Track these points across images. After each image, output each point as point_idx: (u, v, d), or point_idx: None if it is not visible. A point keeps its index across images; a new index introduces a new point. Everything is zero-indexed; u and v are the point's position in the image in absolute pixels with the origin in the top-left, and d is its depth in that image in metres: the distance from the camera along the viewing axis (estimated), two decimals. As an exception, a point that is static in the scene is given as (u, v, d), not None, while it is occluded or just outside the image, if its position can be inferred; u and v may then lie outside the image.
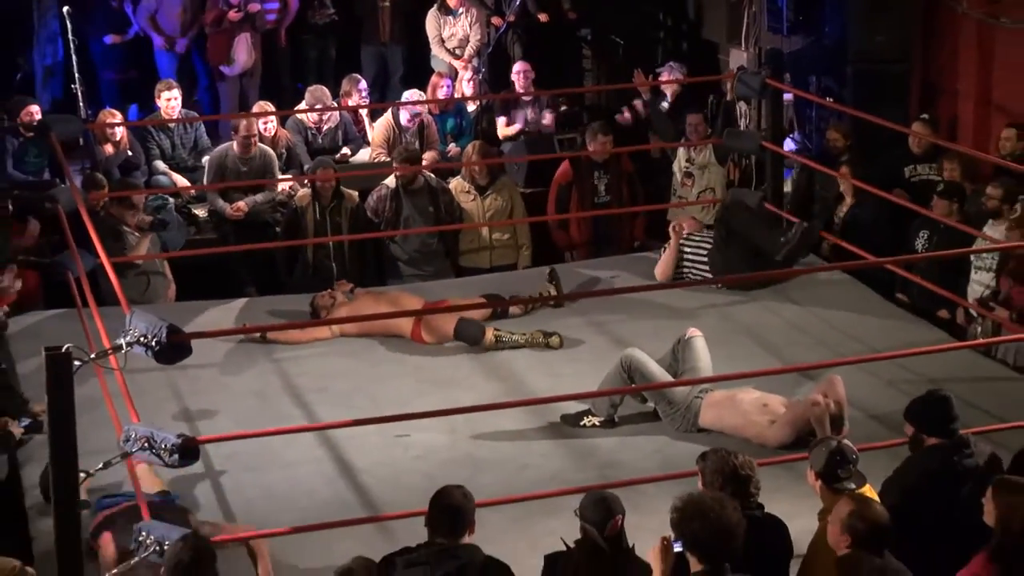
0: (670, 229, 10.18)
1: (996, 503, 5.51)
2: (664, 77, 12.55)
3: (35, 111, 11.36)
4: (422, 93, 12.44)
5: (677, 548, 5.28)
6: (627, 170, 11.36)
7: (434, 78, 12.71)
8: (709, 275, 9.91)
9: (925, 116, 11.14)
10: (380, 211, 10.72)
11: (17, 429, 7.53)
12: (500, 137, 12.85)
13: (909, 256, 9.73)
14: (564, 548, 5.67)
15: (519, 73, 12.77)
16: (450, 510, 5.59)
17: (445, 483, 6.85)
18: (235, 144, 11.36)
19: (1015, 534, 5.43)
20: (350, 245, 10.67)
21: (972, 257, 9.40)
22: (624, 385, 7.90)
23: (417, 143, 11.98)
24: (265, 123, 11.77)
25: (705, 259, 9.93)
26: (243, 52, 13.19)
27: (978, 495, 5.64)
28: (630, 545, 5.66)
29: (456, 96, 12.82)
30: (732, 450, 5.98)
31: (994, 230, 9.34)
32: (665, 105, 12.40)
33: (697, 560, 5.23)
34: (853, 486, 5.90)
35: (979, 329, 9.04)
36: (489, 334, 9.06)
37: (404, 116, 12.11)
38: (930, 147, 10.71)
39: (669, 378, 7.96)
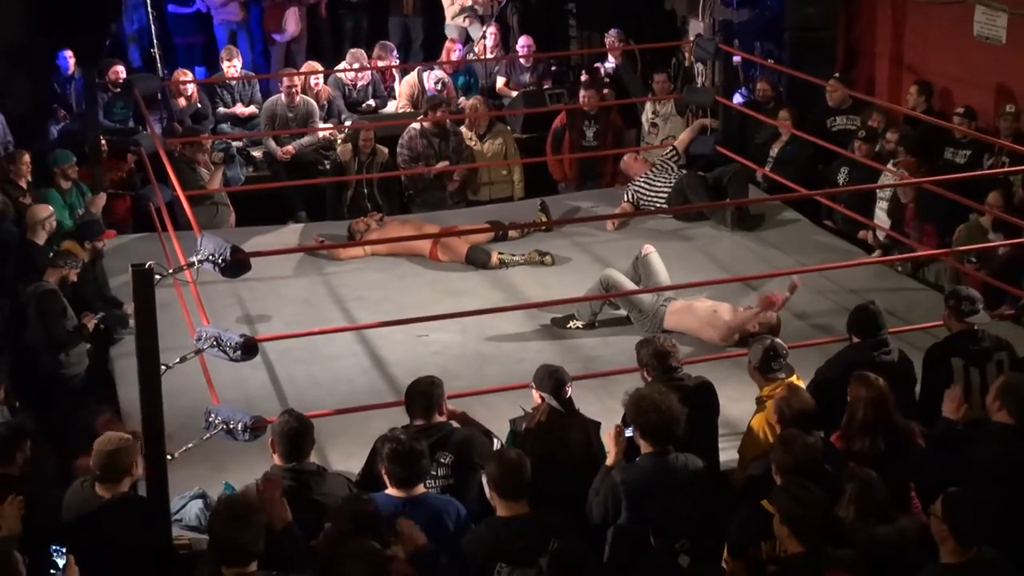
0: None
1: (848, 393, 5.55)
2: (608, 41, 12.42)
3: (121, 71, 11.29)
4: (446, 77, 12.25)
5: (628, 433, 5.31)
6: (615, 122, 11.24)
7: (448, 43, 12.70)
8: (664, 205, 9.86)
9: (837, 75, 10.98)
10: (413, 147, 10.57)
11: (92, 321, 7.53)
12: (498, 91, 12.74)
13: (834, 189, 9.67)
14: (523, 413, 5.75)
15: (524, 47, 12.60)
16: (420, 396, 5.65)
17: (457, 374, 6.92)
18: (283, 95, 11.30)
19: (854, 424, 5.50)
20: (380, 189, 10.50)
21: (877, 190, 9.38)
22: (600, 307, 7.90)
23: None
24: (315, 80, 11.73)
25: (660, 193, 9.84)
26: (292, 22, 13.10)
27: (892, 385, 5.65)
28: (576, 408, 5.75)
29: (477, 49, 12.79)
30: (656, 337, 6.02)
31: (895, 168, 9.30)
32: (610, 65, 12.37)
33: (648, 444, 5.26)
34: (783, 375, 5.92)
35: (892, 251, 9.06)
36: (494, 258, 9.03)
37: (427, 82, 12.02)
38: (847, 99, 10.57)
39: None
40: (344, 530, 4.73)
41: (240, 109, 11.97)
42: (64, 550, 4.71)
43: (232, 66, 11.78)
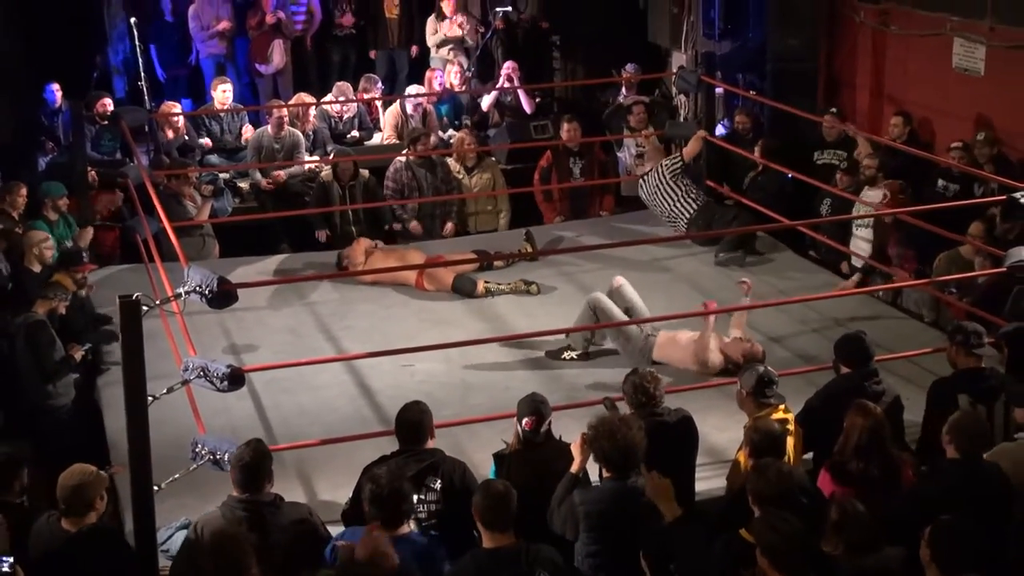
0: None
1: (846, 420, 5.57)
2: (626, 75, 12.48)
3: (108, 103, 11.30)
4: (421, 88, 12.49)
5: None
6: (600, 158, 11.28)
7: (428, 73, 12.80)
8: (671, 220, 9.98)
9: (834, 110, 11.01)
10: (399, 179, 10.61)
11: (79, 352, 7.53)
12: (484, 109, 12.80)
13: (817, 219, 9.72)
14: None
15: (508, 70, 12.71)
16: (410, 424, 5.66)
17: (444, 402, 6.90)
18: (270, 126, 11.34)
19: (848, 449, 5.51)
20: (365, 212, 10.56)
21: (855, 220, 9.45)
22: (592, 321, 7.87)
23: (421, 126, 11.98)
24: (304, 111, 11.80)
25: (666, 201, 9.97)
26: (278, 54, 13.17)
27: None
28: (557, 439, 5.75)
29: (446, 84, 12.80)
30: (643, 370, 6.03)
31: (872, 194, 9.37)
32: (622, 97, 12.37)
33: (606, 470, 5.27)
34: (774, 401, 5.93)
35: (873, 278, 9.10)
36: (480, 287, 9.04)
37: (408, 107, 12.12)
38: (841, 134, 10.63)
39: (626, 318, 7.92)
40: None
41: (228, 139, 12.01)
42: (11, 560, 4.71)
43: (224, 91, 11.86)
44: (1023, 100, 9.85)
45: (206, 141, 11.87)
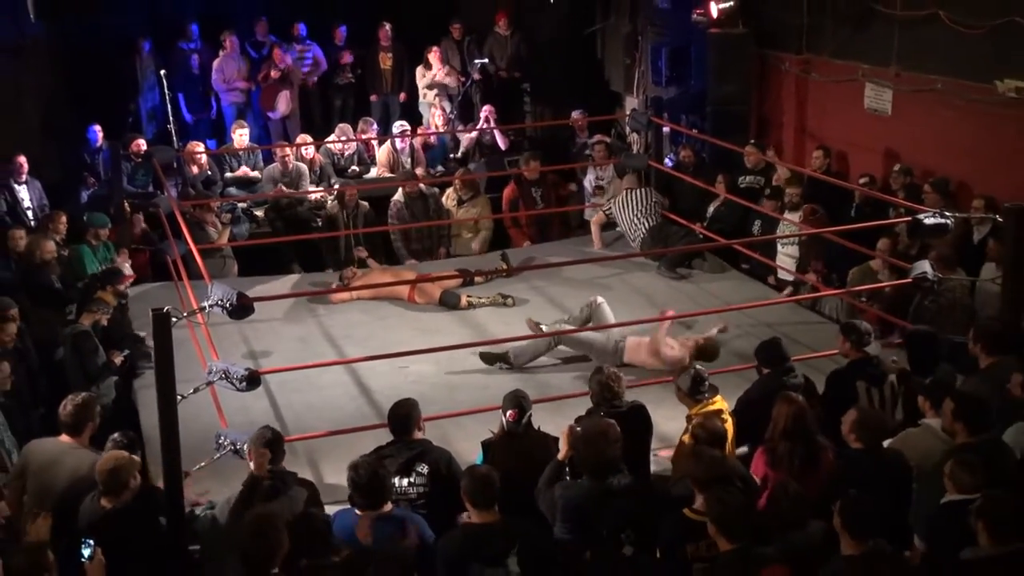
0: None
1: (773, 410, 5.62)
2: (575, 117, 12.55)
3: (142, 143, 11.32)
4: (405, 123, 12.54)
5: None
6: (552, 181, 11.35)
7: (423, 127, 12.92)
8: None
9: (752, 141, 11.09)
10: (401, 216, 10.60)
11: (119, 357, 7.54)
12: (464, 147, 12.87)
13: (749, 239, 9.80)
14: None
15: (487, 113, 12.76)
16: (401, 417, 5.66)
17: (433, 400, 6.93)
18: (277, 164, 11.42)
19: (776, 433, 5.57)
20: (365, 238, 10.51)
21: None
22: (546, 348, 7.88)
23: (410, 161, 12.03)
24: (306, 149, 11.80)
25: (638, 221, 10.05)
26: (284, 103, 13.15)
27: None
28: (536, 429, 5.78)
29: (431, 127, 12.86)
30: (604, 367, 6.07)
31: (793, 216, 9.50)
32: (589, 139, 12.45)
33: (584, 472, 5.29)
34: (708, 395, 5.99)
35: (800, 289, 9.19)
36: (464, 300, 9.06)
37: (398, 142, 12.18)
38: (760, 162, 10.74)
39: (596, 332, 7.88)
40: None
41: (244, 170, 12.01)
42: (92, 542, 4.75)
43: (241, 134, 11.90)
44: (925, 136, 9.98)
45: (244, 170, 11.89)
